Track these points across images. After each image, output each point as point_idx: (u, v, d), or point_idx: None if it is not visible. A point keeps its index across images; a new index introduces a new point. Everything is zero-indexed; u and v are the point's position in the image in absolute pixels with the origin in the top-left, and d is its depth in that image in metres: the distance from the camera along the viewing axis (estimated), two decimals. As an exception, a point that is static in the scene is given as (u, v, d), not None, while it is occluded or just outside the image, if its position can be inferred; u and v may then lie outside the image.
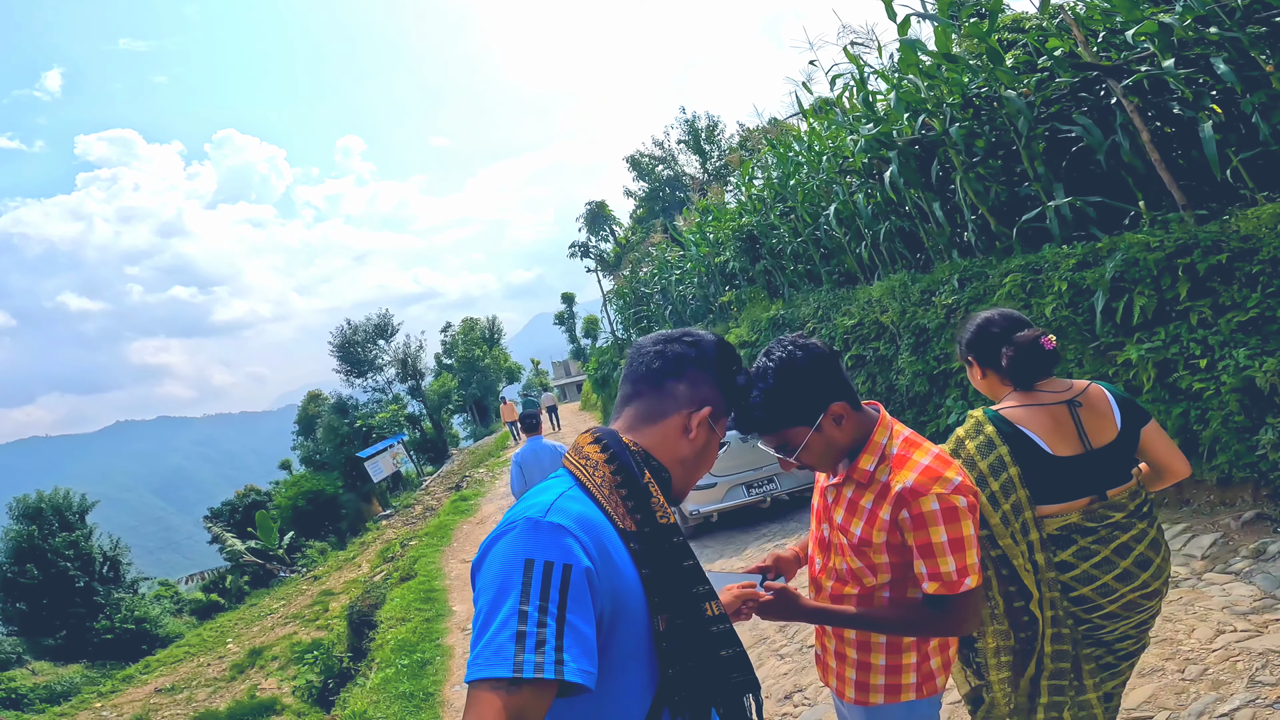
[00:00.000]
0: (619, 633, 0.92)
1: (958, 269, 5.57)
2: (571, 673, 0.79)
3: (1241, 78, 3.19)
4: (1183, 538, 3.53)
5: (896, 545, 1.35)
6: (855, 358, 6.99)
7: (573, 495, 0.95)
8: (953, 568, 1.29)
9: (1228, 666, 2.35)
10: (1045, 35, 4.38)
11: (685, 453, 1.08)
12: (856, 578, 1.42)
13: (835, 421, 1.37)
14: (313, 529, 26.13)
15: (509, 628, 0.80)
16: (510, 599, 0.81)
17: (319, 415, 34.18)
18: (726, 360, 1.12)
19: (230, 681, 12.37)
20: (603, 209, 32.36)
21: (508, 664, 0.77)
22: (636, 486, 0.99)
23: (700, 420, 1.07)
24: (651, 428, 1.07)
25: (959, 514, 1.29)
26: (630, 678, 0.93)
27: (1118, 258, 3.93)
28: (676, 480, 1.09)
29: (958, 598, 1.30)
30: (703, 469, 1.12)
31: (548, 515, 0.88)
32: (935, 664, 1.45)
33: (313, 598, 15.63)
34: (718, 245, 11.53)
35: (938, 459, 1.34)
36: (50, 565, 22.12)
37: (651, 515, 0.98)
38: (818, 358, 1.35)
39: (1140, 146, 3.90)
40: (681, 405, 1.08)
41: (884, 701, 1.46)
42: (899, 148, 5.55)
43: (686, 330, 1.15)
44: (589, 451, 1.03)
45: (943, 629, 1.34)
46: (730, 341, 6.83)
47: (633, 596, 0.93)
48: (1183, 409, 3.74)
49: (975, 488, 1.35)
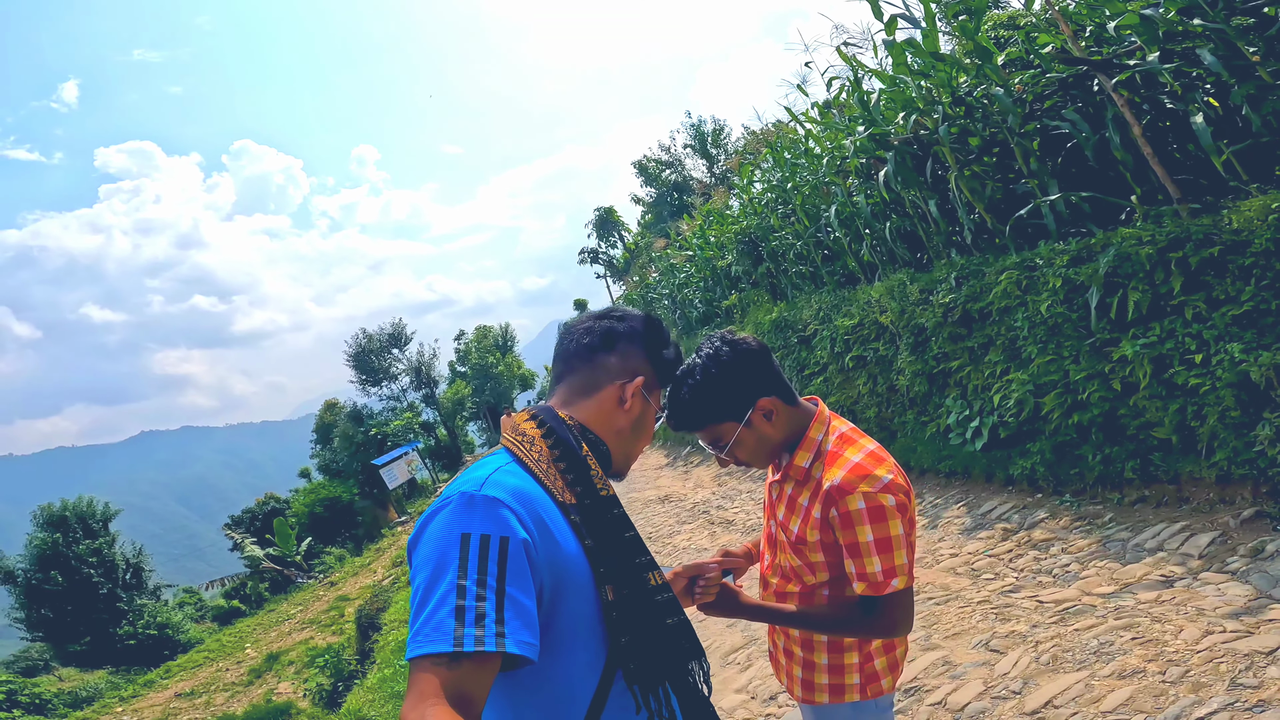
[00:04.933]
0: (562, 605, 0.91)
1: (955, 268, 5.52)
2: (513, 644, 0.78)
3: (1229, 68, 3.15)
4: (1180, 536, 3.46)
5: (830, 544, 1.34)
6: (856, 358, 6.95)
7: (509, 470, 0.95)
8: (878, 568, 1.27)
9: (1210, 668, 2.31)
10: (1036, 32, 4.34)
11: (622, 424, 1.09)
12: (798, 575, 1.41)
13: (765, 417, 1.36)
14: (330, 535, 26.44)
15: (448, 603, 0.79)
16: (448, 574, 0.80)
17: (336, 424, 34.61)
18: (654, 333, 1.14)
19: (248, 686, 12.54)
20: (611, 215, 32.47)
21: (447, 639, 0.76)
22: (575, 459, 0.99)
23: (634, 390, 1.08)
24: (586, 401, 1.08)
25: (886, 513, 1.26)
26: (577, 650, 0.92)
27: (1110, 253, 3.89)
28: (615, 453, 1.09)
29: (885, 599, 1.28)
30: (641, 441, 1.14)
31: (483, 489, 0.87)
32: (880, 665, 1.43)
33: (329, 603, 15.82)
34: (720, 249, 11.54)
35: (870, 456, 1.32)
36: (74, 572, 22.57)
37: (591, 487, 0.98)
38: (745, 354, 1.35)
39: (1132, 141, 3.85)
40: (614, 377, 1.08)
41: (829, 701, 1.45)
42: (894, 148, 5.53)
43: (613, 307, 1.17)
44: (525, 428, 1.03)
45: (874, 630, 1.32)
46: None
47: (575, 568, 0.92)
48: (1179, 405, 3.68)
49: (906, 487, 1.32)
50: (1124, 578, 3.28)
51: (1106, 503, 4.16)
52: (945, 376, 5.78)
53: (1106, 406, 4.17)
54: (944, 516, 5.04)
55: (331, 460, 33.84)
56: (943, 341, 5.58)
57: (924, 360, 5.86)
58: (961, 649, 3.04)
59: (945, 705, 2.64)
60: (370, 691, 5.15)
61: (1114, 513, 4.01)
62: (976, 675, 2.78)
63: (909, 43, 4.84)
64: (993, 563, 4.00)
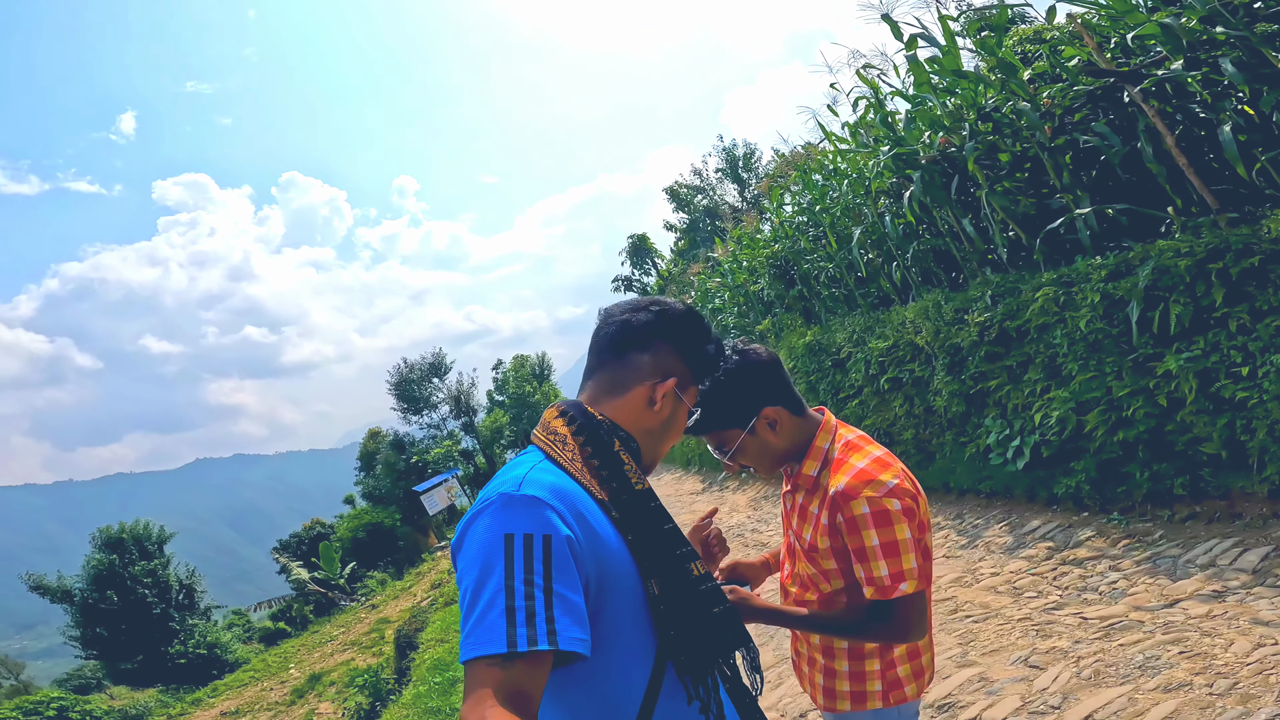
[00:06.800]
0: (609, 598, 0.91)
1: (990, 285, 5.49)
2: (566, 641, 0.78)
3: (1257, 76, 3.12)
4: (1233, 552, 3.33)
5: (840, 550, 1.34)
6: (891, 380, 6.88)
7: (543, 468, 0.94)
8: (885, 572, 1.26)
9: (1259, 680, 2.22)
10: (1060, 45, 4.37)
11: (651, 424, 1.06)
12: (815, 584, 1.42)
13: (770, 426, 1.38)
14: (372, 560, 26.95)
15: (497, 604, 0.78)
16: (495, 576, 0.80)
17: (378, 451, 35.54)
18: (693, 329, 1.10)
19: (290, 705, 12.79)
20: (644, 242, 32.91)
21: (500, 640, 0.76)
22: (608, 455, 0.98)
23: (665, 392, 1.05)
24: (616, 400, 1.05)
25: (891, 517, 1.26)
26: (627, 642, 0.92)
27: (1149, 266, 3.84)
28: (645, 450, 1.07)
29: (894, 604, 1.27)
30: (671, 439, 1.11)
31: (521, 488, 0.87)
32: (903, 672, 1.41)
33: (370, 625, 16.08)
34: (752, 273, 11.63)
35: (875, 462, 1.32)
36: (129, 592, 23.35)
37: (627, 482, 0.97)
38: (752, 363, 1.38)
39: (1166, 152, 3.83)
40: (645, 377, 1.05)
41: (850, 709, 1.43)
42: (922, 167, 5.58)
43: (654, 298, 1.12)
44: (555, 426, 1.02)
45: (886, 636, 1.31)
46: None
47: (619, 562, 0.92)
48: (1227, 419, 3.57)
49: (914, 490, 1.32)
50: (1174, 594, 3.18)
51: (1156, 520, 4.02)
52: (983, 396, 5.69)
53: (1152, 423, 4.06)
54: (984, 536, 4.93)
55: (375, 487, 34.67)
56: (979, 361, 5.51)
57: (961, 380, 5.79)
58: (999, 665, 2.98)
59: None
60: (405, 708, 5.25)
61: (1164, 530, 3.88)
62: (1014, 691, 2.72)
63: (931, 60, 4.92)
64: (1035, 580, 3.90)
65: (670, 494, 13.22)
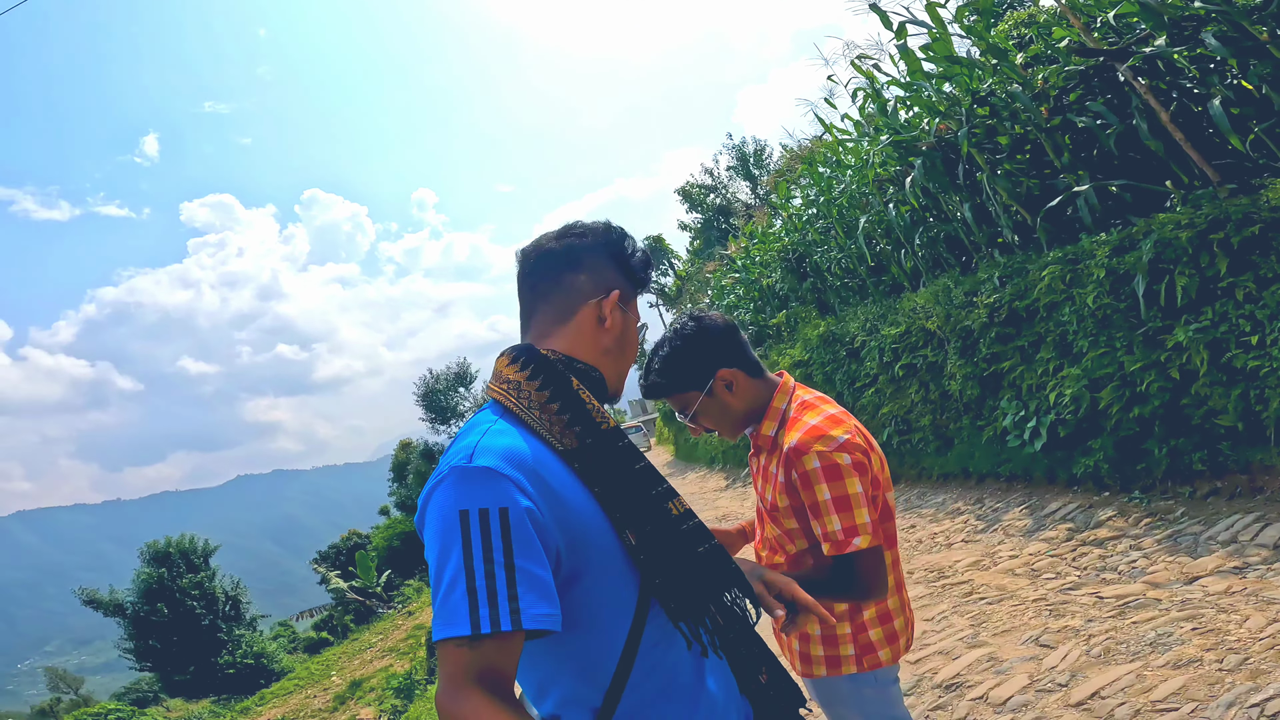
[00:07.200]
0: (585, 561, 0.87)
1: (998, 267, 5.44)
2: (530, 619, 0.76)
3: (1240, 49, 3.07)
4: (1254, 528, 3.27)
5: (799, 509, 1.36)
6: (906, 367, 6.85)
7: (499, 429, 0.89)
8: (838, 527, 1.28)
9: (1271, 655, 2.20)
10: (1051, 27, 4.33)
11: (607, 343, 1.02)
12: (781, 545, 1.44)
13: (726, 387, 1.43)
14: (407, 568, 27.49)
15: (459, 586, 0.77)
16: (454, 556, 0.78)
17: (409, 461, 36.23)
18: (618, 239, 1.06)
19: (333, 711, 13.15)
20: (660, 244, 32.97)
21: (464, 623, 0.75)
22: (568, 396, 0.93)
23: (611, 305, 1.01)
24: (564, 329, 1.01)
25: (841, 471, 1.28)
26: (605, 600, 0.89)
27: (1152, 239, 3.79)
28: (609, 376, 1.03)
29: (851, 559, 1.28)
30: (628, 357, 1.07)
31: (474, 459, 0.83)
32: (875, 636, 1.42)
33: (407, 631, 16.43)
34: (765, 268, 11.62)
35: (828, 419, 1.35)
36: (178, 604, 24.12)
37: (592, 424, 0.92)
38: (707, 329, 1.45)
39: (1162, 128, 3.78)
40: (587, 295, 1.01)
41: (826, 674, 1.45)
42: (922, 153, 5.56)
43: (569, 224, 1.08)
44: (508, 374, 0.96)
45: (849, 593, 1.31)
46: (787, 363, 6.90)
47: (588, 521, 0.88)
48: (1240, 390, 3.51)
49: (866, 446, 1.34)
50: (1193, 571, 3.14)
51: (1177, 497, 3.96)
52: (998, 378, 5.64)
53: (1167, 397, 4.00)
54: (1004, 520, 4.89)
55: (407, 497, 35.34)
56: (991, 342, 5.47)
57: (973, 363, 5.74)
58: (1010, 645, 2.99)
59: (987, 700, 2.61)
60: (429, 701, 5.39)
61: (1186, 507, 3.82)
62: (1022, 670, 2.73)
63: (925, 48, 4.90)
64: (1054, 562, 3.87)
65: (695, 491, 13.25)
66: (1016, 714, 2.44)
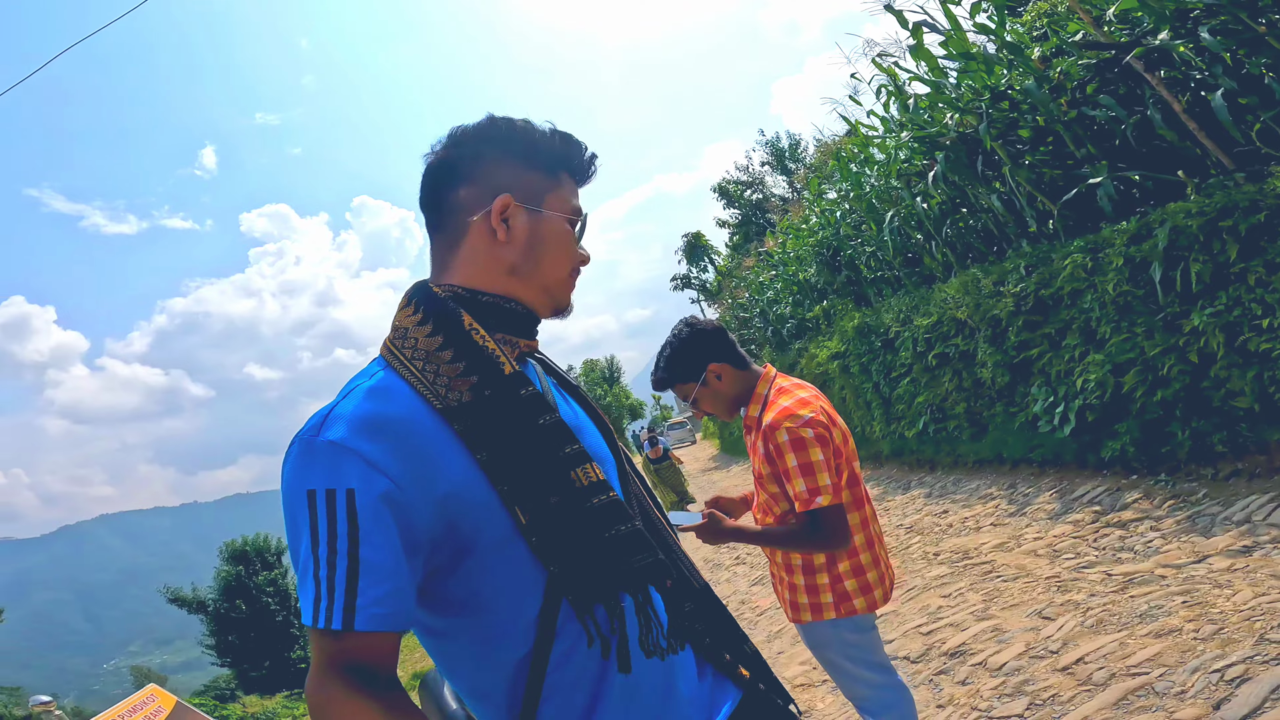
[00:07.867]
0: (468, 540, 0.76)
1: (1024, 257, 5.53)
2: (365, 619, 0.68)
3: (1241, 42, 3.13)
4: (1268, 508, 3.36)
5: (776, 475, 1.64)
6: (938, 356, 6.95)
7: (367, 389, 0.77)
8: (803, 488, 1.54)
9: (1245, 626, 2.35)
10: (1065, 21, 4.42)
11: (511, 259, 0.86)
12: (769, 508, 1.73)
13: (716, 377, 1.76)
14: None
15: (309, 573, 0.70)
16: (303, 540, 0.71)
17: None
18: (505, 132, 0.87)
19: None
20: (699, 240, 33.10)
21: (315, 614, 0.69)
22: (461, 341, 0.80)
23: (499, 211, 0.84)
24: (458, 258, 0.86)
25: (806, 443, 1.55)
26: (503, 586, 0.77)
27: (1166, 227, 3.88)
28: (531, 298, 0.88)
29: (815, 514, 1.54)
30: (553, 262, 0.88)
31: (323, 431, 0.73)
32: (850, 586, 1.66)
33: (467, 623, 17.26)
34: (800, 262, 11.75)
35: (798, 401, 1.63)
36: (255, 601, 25.42)
37: (491, 368, 0.79)
38: (698, 332, 1.78)
39: (1176, 118, 3.85)
40: (472, 210, 0.85)
41: (811, 619, 1.70)
42: (945, 147, 5.69)
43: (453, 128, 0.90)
44: (399, 319, 0.84)
45: (815, 543, 1.58)
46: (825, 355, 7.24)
47: (472, 494, 0.75)
48: (1255, 371, 3.58)
49: (828, 423, 1.61)
50: (1204, 550, 3.26)
51: (1200, 479, 4.03)
52: (1027, 365, 5.71)
53: (1187, 380, 4.07)
54: (1034, 504, 5.00)
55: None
56: (1019, 330, 5.56)
57: (1003, 351, 5.83)
58: (1015, 618, 3.19)
59: (985, 665, 2.83)
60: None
61: (1208, 489, 3.89)
62: (1021, 639, 2.94)
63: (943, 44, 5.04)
64: (1076, 543, 4.00)
65: (740, 483, 13.49)
66: (1009, 677, 2.67)
